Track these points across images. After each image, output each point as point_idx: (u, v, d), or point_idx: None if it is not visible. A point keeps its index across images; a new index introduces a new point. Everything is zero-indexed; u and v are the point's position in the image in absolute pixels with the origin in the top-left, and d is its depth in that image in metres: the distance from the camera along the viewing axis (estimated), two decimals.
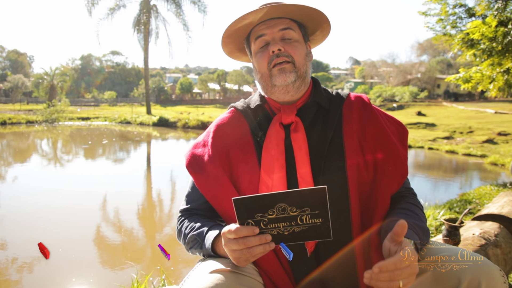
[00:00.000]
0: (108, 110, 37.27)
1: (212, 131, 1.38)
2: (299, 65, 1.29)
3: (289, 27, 1.30)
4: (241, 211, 1.01)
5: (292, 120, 1.30)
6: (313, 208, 0.99)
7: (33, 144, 16.18)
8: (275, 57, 1.28)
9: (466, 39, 6.25)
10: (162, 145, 17.50)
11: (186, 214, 1.38)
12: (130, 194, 7.72)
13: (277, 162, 1.24)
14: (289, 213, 1.00)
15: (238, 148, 1.31)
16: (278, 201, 0.99)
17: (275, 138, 1.28)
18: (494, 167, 10.87)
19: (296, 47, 1.30)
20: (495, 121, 20.98)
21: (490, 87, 6.57)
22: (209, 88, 60.11)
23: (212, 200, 1.29)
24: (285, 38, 1.30)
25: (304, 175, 1.22)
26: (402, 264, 0.95)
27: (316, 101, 1.35)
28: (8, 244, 4.78)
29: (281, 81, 1.28)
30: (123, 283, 3.16)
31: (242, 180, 1.27)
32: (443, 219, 2.25)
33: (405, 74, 51.24)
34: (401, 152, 1.29)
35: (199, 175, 1.32)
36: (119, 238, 5.21)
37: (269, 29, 1.30)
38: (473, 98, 41.90)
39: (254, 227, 1.02)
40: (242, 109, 1.40)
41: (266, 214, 1.01)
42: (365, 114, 1.32)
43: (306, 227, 1.02)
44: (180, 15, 31.00)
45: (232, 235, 1.03)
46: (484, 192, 6.02)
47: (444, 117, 24.80)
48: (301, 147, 1.25)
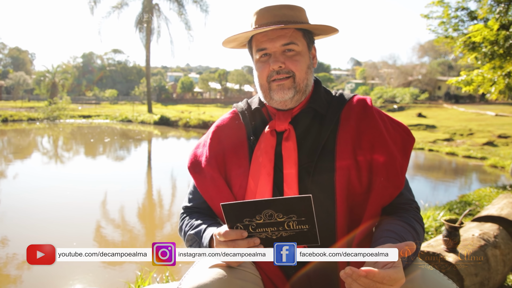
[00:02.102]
0: (109, 108, 37.22)
1: (211, 132, 1.41)
2: (299, 80, 1.28)
3: (291, 42, 1.27)
4: (229, 215, 1.06)
5: (285, 128, 1.30)
6: (299, 215, 1.02)
7: (34, 142, 16.19)
8: (275, 73, 1.27)
9: (467, 42, 6.28)
10: (163, 144, 17.51)
11: (188, 211, 1.42)
12: (131, 192, 7.74)
13: (264, 169, 1.26)
14: (276, 219, 1.03)
15: (234, 151, 1.34)
16: (265, 207, 1.03)
17: (264, 146, 1.29)
18: (494, 169, 10.90)
19: (298, 61, 1.27)
20: (496, 123, 20.98)
21: (491, 90, 6.61)
22: (210, 87, 60.00)
23: (209, 200, 1.33)
24: (287, 50, 1.28)
25: (291, 184, 1.23)
26: (389, 281, 0.92)
27: (313, 108, 1.33)
28: (8, 241, 4.80)
29: (279, 97, 1.28)
30: (127, 280, 3.20)
31: (234, 183, 1.31)
32: (443, 220, 2.29)
33: (406, 75, 51.15)
34: (398, 162, 1.25)
35: (198, 175, 1.36)
36: (120, 235, 5.24)
37: (271, 43, 1.27)
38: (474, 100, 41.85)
39: (243, 231, 1.06)
40: (242, 111, 1.41)
41: (254, 219, 1.04)
42: (364, 120, 1.29)
43: (293, 232, 1.05)
44: (182, 14, 31.03)
45: (222, 238, 1.08)
46: (484, 194, 6.05)
47: (444, 119, 24.79)
48: (291, 156, 1.26)
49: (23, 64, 65.32)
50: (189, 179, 1.44)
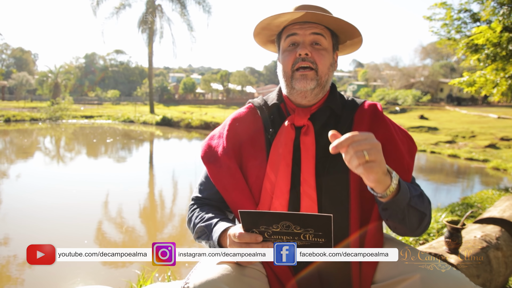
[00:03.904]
0: (112, 108, 37.31)
1: (228, 124, 1.43)
2: (321, 73, 1.33)
3: (321, 34, 1.33)
4: (246, 221, 1.06)
5: (304, 123, 1.34)
6: (317, 230, 1.03)
7: (36, 142, 16.23)
8: (301, 60, 1.31)
9: (470, 44, 6.28)
10: (165, 145, 17.54)
11: (198, 203, 1.43)
12: (133, 192, 7.75)
13: (283, 160, 1.29)
14: (293, 230, 1.04)
15: (250, 143, 1.37)
16: (283, 219, 1.03)
17: (284, 138, 1.32)
18: (496, 172, 10.88)
19: (323, 55, 1.33)
20: (498, 126, 20.96)
21: (493, 91, 6.60)
22: (212, 88, 60.11)
23: (223, 190, 1.34)
24: (315, 43, 1.33)
25: (307, 177, 1.27)
26: (355, 137, 0.99)
27: (330, 107, 1.38)
28: (10, 241, 4.80)
29: (301, 87, 1.32)
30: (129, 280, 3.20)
31: (250, 174, 1.33)
32: (445, 221, 2.28)
33: (408, 77, 51.12)
34: (406, 160, 1.31)
35: (212, 165, 1.38)
36: (122, 235, 5.24)
37: (302, 30, 1.32)
38: (476, 102, 41.78)
39: (258, 235, 1.07)
40: (259, 106, 1.45)
41: (271, 227, 1.05)
42: (375, 121, 1.35)
43: (308, 243, 1.06)
44: (185, 15, 31.09)
45: (236, 240, 1.09)
46: (486, 196, 6.03)
47: (446, 121, 24.77)
48: (309, 149, 1.30)
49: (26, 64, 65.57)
50: (191, 180, 1.45)
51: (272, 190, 1.28)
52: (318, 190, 1.26)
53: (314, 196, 1.25)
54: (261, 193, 1.30)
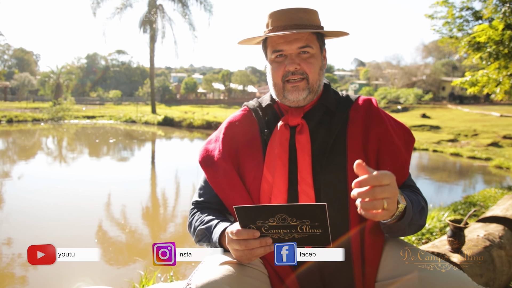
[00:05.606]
0: (113, 109, 37.38)
1: (224, 127, 1.45)
2: (312, 81, 1.34)
3: (307, 45, 1.32)
4: (242, 217, 1.06)
5: (298, 123, 1.35)
6: (313, 221, 1.03)
7: (38, 142, 16.27)
8: (290, 74, 1.32)
9: (472, 42, 6.25)
10: (167, 144, 17.56)
11: (198, 206, 1.45)
12: (135, 192, 7.76)
13: (280, 160, 1.30)
14: (289, 222, 1.04)
15: (247, 145, 1.38)
16: (279, 212, 1.03)
17: (279, 138, 1.34)
18: (499, 170, 10.85)
19: (312, 63, 1.33)
20: (500, 124, 20.89)
21: (496, 90, 6.57)
22: (214, 88, 60.16)
23: (220, 192, 1.36)
24: (302, 52, 1.32)
25: (305, 175, 1.28)
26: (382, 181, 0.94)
27: (324, 104, 1.39)
28: (13, 241, 4.81)
29: (293, 97, 1.33)
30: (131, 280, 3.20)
31: (247, 175, 1.34)
32: (448, 220, 2.27)
33: (410, 76, 51.04)
34: (403, 154, 1.32)
35: (209, 168, 1.39)
36: (124, 236, 5.24)
37: (288, 45, 1.31)
38: (478, 101, 41.68)
39: (255, 231, 1.07)
40: (253, 108, 1.47)
41: (267, 221, 1.05)
42: (370, 116, 1.36)
43: (306, 235, 1.06)
44: (186, 15, 31.13)
45: (234, 237, 1.09)
46: (489, 195, 6.01)
47: (448, 120, 24.71)
48: (304, 148, 1.31)
49: (28, 65, 65.72)
50: (193, 180, 1.45)
51: (270, 190, 1.29)
52: (316, 188, 1.27)
53: (312, 194, 1.26)
54: (260, 194, 1.30)
